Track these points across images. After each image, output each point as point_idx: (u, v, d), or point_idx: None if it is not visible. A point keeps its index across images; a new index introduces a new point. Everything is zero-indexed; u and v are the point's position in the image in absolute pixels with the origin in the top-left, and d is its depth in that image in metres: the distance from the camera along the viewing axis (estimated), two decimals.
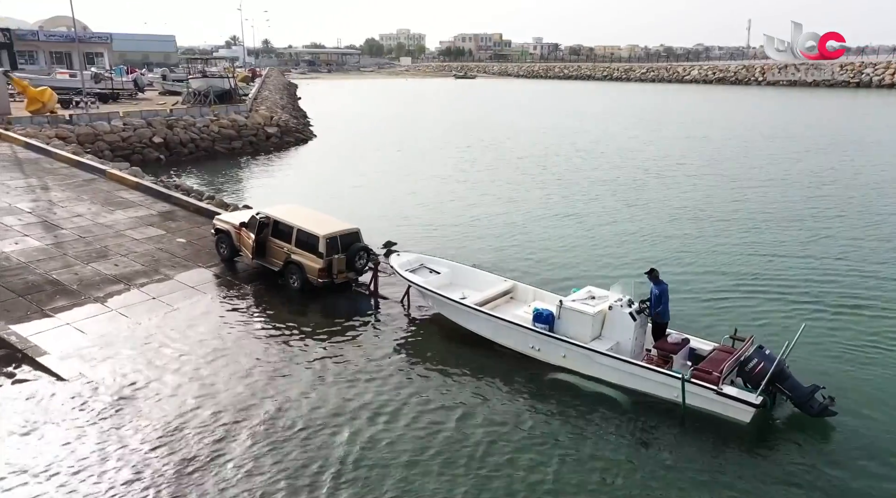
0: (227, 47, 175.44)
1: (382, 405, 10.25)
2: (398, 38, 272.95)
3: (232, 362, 11.41)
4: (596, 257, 18.26)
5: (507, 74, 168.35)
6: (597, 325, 11.43)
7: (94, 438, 9.14)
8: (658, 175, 30.88)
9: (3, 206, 18.52)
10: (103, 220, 18.22)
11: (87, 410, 9.78)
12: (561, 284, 15.06)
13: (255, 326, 12.96)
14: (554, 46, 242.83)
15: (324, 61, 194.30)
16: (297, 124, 45.59)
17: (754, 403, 9.61)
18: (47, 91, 33.41)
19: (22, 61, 77.44)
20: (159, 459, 8.74)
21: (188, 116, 36.24)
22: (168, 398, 10.19)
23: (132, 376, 10.76)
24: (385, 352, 12.13)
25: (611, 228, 21.15)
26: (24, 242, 16.07)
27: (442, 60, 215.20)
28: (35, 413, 9.67)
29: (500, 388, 10.96)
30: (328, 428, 9.56)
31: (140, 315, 13.00)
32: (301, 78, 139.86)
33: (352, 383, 10.86)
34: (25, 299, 13.28)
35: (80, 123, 31.32)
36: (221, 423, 9.58)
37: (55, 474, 8.36)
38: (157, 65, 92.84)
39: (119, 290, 14.09)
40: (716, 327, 12.90)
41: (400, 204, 24.58)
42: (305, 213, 15.63)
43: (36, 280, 14.13)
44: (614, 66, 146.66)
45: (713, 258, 17.98)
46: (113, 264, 15.34)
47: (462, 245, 19.14)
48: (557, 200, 25.26)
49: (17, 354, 11.19)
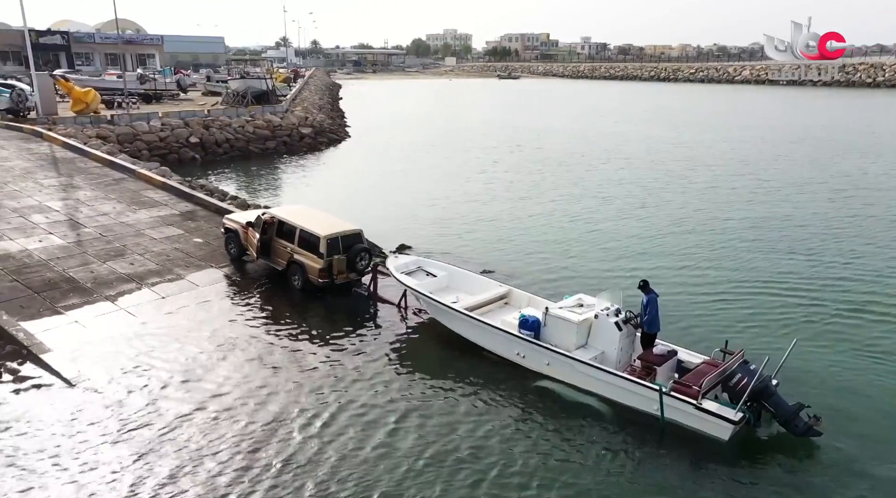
0: (277, 48, 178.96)
1: (363, 407, 10.30)
2: (445, 38, 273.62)
3: (227, 363, 11.49)
4: (605, 262, 18.01)
5: (551, 74, 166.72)
6: (582, 333, 11.23)
7: (85, 435, 9.30)
8: (680, 178, 30.38)
9: (34, 204, 19.18)
10: (126, 219, 18.68)
11: (79, 409, 9.97)
12: (566, 288, 14.75)
13: (256, 328, 13.04)
14: (602, 46, 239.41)
15: (369, 62, 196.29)
16: (332, 125, 46.06)
17: (733, 419, 9.30)
18: (91, 92, 34.58)
19: (79, 62, 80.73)
20: (148, 458, 8.83)
21: (224, 117, 37.00)
22: (161, 398, 10.31)
23: (128, 376, 10.92)
24: (376, 355, 12.20)
25: (623, 233, 20.89)
26: (47, 240, 16.59)
27: (487, 60, 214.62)
28: (27, 410, 9.89)
29: (484, 394, 10.89)
30: (303, 429, 9.66)
31: (146, 314, 13.23)
32: (346, 78, 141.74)
33: (335, 386, 10.90)
34: (41, 296, 13.67)
35: (121, 123, 32.31)
36: (208, 421, 9.65)
37: (31, 472, 8.52)
38: (206, 66, 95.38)
39: (130, 288, 14.38)
40: (713, 338, 12.48)
41: (418, 206, 24.59)
42: (310, 214, 15.82)
43: (53, 277, 14.55)
44: (661, 66, 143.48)
45: (717, 267, 17.62)
46: (129, 263, 15.68)
47: (475, 248, 19.06)
48: (573, 204, 25.07)
49: (23, 350, 11.50)
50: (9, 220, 17.70)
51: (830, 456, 9.29)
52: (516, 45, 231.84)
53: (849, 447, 9.42)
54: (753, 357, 10.31)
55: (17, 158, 23.99)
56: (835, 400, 10.56)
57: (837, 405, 10.37)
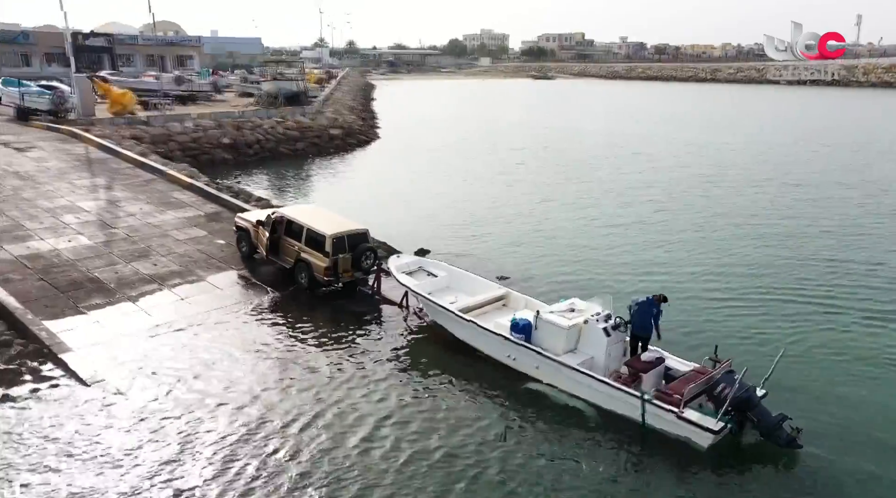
0: (313, 49, 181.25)
1: (354, 406, 10.56)
2: (481, 38, 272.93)
3: (239, 365, 11.68)
4: (618, 268, 18.02)
5: (586, 75, 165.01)
6: (571, 338, 11.33)
7: (98, 436, 9.53)
8: (705, 182, 29.92)
9: (66, 205, 19.76)
10: (153, 220, 19.09)
11: (92, 408, 10.22)
12: (578, 294, 14.52)
13: (268, 329, 13.27)
14: (640, 46, 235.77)
15: (404, 62, 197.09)
16: (362, 126, 46.39)
17: (712, 429, 9.36)
18: (128, 94, 35.52)
19: (121, 64, 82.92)
20: (159, 458, 9.02)
21: (256, 118, 37.58)
22: (171, 399, 10.53)
23: (142, 377, 11.16)
24: (373, 354, 12.43)
25: (638, 238, 20.85)
26: (76, 240, 17.06)
27: (524, 60, 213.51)
28: (42, 409, 10.18)
29: (474, 395, 11.12)
30: (296, 429, 9.93)
31: (164, 315, 13.49)
32: (380, 78, 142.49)
33: (330, 384, 11.21)
34: (66, 296, 14.06)
35: (155, 124, 33.10)
36: (217, 421, 9.82)
37: (44, 470, 8.75)
38: (244, 66, 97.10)
39: (152, 289, 14.69)
40: (710, 346, 12.24)
41: (439, 208, 24.72)
42: (318, 213, 16.21)
43: (78, 277, 14.95)
44: (700, 66, 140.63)
45: (728, 273, 17.57)
46: (152, 264, 16.02)
47: (494, 253, 19.08)
48: (593, 207, 25.05)
49: (44, 349, 11.83)
50: (42, 220, 18.26)
51: (810, 469, 9.27)
52: (553, 45, 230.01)
53: (830, 461, 9.41)
54: (746, 365, 10.26)
55: (54, 159, 24.77)
56: (821, 412, 10.55)
57: (823, 418, 10.37)
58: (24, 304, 13.27)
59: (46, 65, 77.06)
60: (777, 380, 10.45)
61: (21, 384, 10.84)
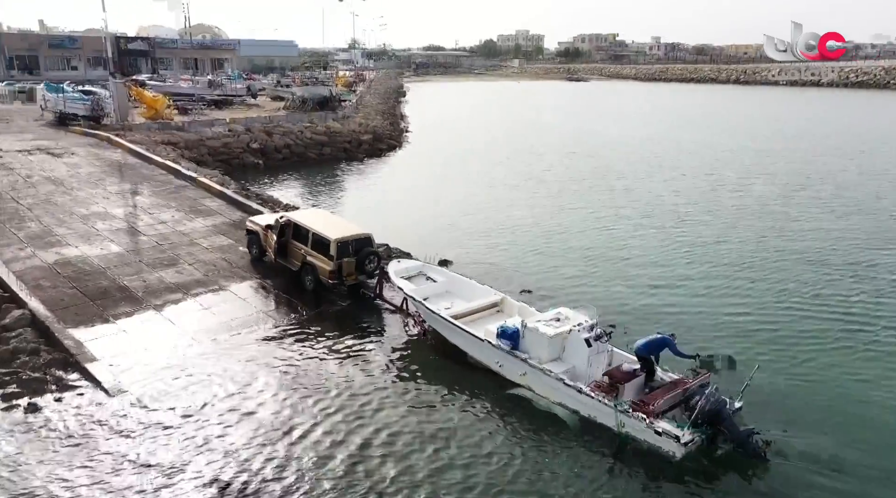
0: (348, 51, 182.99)
1: (350, 413, 10.94)
2: (516, 39, 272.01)
3: (250, 375, 11.89)
4: (631, 279, 18.02)
5: (620, 76, 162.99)
6: (555, 347, 11.60)
7: (116, 445, 9.78)
8: (731, 191, 29.40)
9: (100, 212, 20.31)
10: (182, 227, 19.49)
11: (113, 418, 10.49)
12: None
13: (283, 341, 13.47)
14: (673, 46, 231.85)
15: (437, 63, 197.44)
16: (391, 131, 46.60)
17: (682, 439, 9.67)
18: (161, 99, 36.36)
19: (160, 67, 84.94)
20: (176, 468, 9.21)
21: (287, 123, 38.09)
22: (192, 408, 10.80)
23: (162, 387, 11.42)
24: (371, 357, 12.90)
25: (657, 249, 20.78)
26: (107, 248, 17.51)
27: (558, 62, 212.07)
28: (64, 418, 10.48)
29: (462, 400, 11.51)
30: (287, 433, 10.34)
31: (186, 324, 13.77)
32: (413, 80, 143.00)
33: (329, 394, 11.47)
34: (94, 304, 14.45)
35: (188, 129, 33.82)
36: (225, 431, 10.01)
37: (62, 480, 9.01)
38: (279, 69, 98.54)
39: (176, 298, 15.00)
40: None
41: (462, 216, 24.79)
42: (324, 218, 16.91)
43: (108, 286, 15.34)
44: (740, 67, 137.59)
45: (741, 287, 17.46)
46: (177, 272, 16.35)
47: (515, 263, 19.04)
48: (614, 217, 24.89)
49: (70, 359, 12.18)
50: (75, 228, 18.80)
51: (777, 481, 9.60)
52: (588, 47, 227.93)
53: (797, 474, 9.75)
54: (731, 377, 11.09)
55: (89, 165, 25.48)
56: (794, 426, 10.84)
57: (795, 431, 10.68)
58: (54, 312, 13.68)
59: (91, 68, 79.40)
60: (759, 393, 11.22)
61: (46, 393, 11.18)
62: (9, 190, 21.51)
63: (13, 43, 78.38)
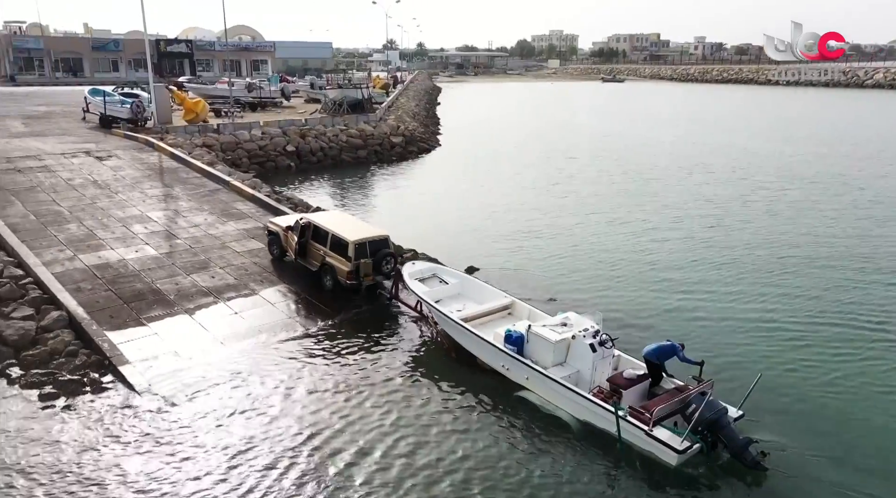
0: (383, 51, 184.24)
1: (359, 417, 11.20)
2: (550, 39, 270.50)
3: (276, 380, 12.05)
4: (655, 284, 17.99)
5: (658, 77, 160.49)
6: (560, 352, 11.75)
7: (145, 447, 10.05)
8: (765, 197, 28.60)
9: (137, 214, 20.84)
10: (214, 231, 19.87)
11: (144, 420, 10.77)
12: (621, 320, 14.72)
13: (309, 346, 13.65)
14: (717, 46, 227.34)
15: (472, 64, 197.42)
16: (424, 133, 46.75)
17: (677, 448, 9.74)
18: (201, 102, 37.11)
19: (200, 69, 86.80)
20: (207, 472, 9.42)
21: (320, 126, 38.52)
22: (220, 412, 11.00)
23: (191, 391, 11.67)
24: (391, 361, 13.18)
25: (686, 257, 20.53)
26: (143, 251, 17.96)
27: (593, 62, 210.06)
28: (99, 420, 10.79)
29: (469, 402, 11.77)
30: (311, 437, 10.53)
31: (218, 329, 14.04)
32: (447, 81, 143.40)
33: (341, 391, 11.32)
34: (129, 307, 14.84)
35: (225, 132, 34.46)
36: (252, 437, 10.17)
37: (94, 484, 9.27)
38: (315, 70, 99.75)
39: (208, 302, 15.30)
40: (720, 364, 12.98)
41: (489, 221, 24.79)
42: (342, 220, 17.44)
43: (142, 289, 15.73)
44: (781, 68, 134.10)
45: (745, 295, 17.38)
46: (210, 276, 16.68)
47: (541, 271, 18.90)
48: (643, 223, 24.60)
49: (105, 361, 12.54)
50: (114, 230, 19.32)
51: (775, 490, 9.66)
52: (624, 46, 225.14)
53: (795, 484, 9.80)
54: (739, 385, 11.10)
55: (130, 168, 26.16)
56: (794, 435, 10.90)
57: (795, 441, 10.74)
58: (91, 314, 14.09)
59: (133, 70, 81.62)
60: (763, 401, 11.44)
61: (82, 394, 11.54)
62: (50, 192, 22.22)
63: (59, 46, 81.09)
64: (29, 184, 22.97)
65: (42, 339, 13.11)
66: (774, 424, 11.17)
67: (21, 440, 10.20)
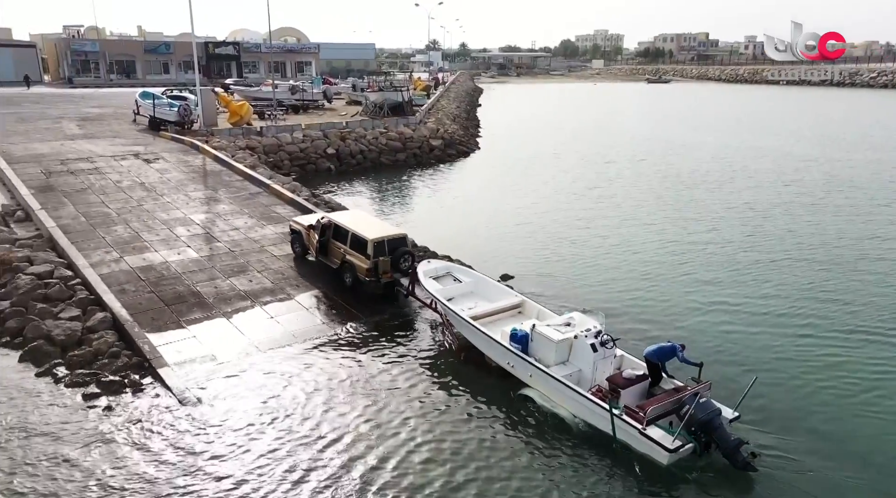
0: (426, 52, 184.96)
1: (397, 419, 11.58)
2: (595, 38, 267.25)
3: (306, 385, 12.31)
4: (684, 295, 17.83)
5: (706, 78, 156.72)
6: (562, 351, 12.07)
7: (179, 449, 10.36)
8: (809, 204, 27.59)
9: (180, 217, 21.45)
10: (254, 234, 20.30)
11: (180, 423, 11.10)
12: None
13: (343, 351, 13.88)
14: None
15: (514, 64, 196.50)
16: (463, 136, 46.80)
17: (668, 447, 10.00)
18: (245, 105, 37.97)
19: (246, 71, 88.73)
20: (241, 477, 9.67)
21: (360, 129, 38.94)
22: (254, 415, 11.25)
23: (226, 394, 11.99)
24: (413, 363, 13.61)
25: (720, 266, 20.23)
26: (184, 253, 18.48)
27: (638, 62, 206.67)
28: (137, 420, 11.16)
29: (475, 396, 12.34)
30: (347, 445, 10.37)
31: (254, 334, 14.36)
32: (489, 82, 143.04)
33: (374, 397, 11.36)
34: (170, 309, 15.30)
35: (267, 135, 35.17)
36: (284, 440, 10.39)
37: (130, 481, 9.61)
38: (358, 71, 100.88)
39: (245, 306, 15.66)
40: None
41: (524, 226, 24.81)
42: (361, 219, 17.99)
43: (183, 291, 16.20)
44: (836, 68, 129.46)
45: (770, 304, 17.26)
46: (248, 280, 17.06)
47: (576, 280, 18.84)
48: (679, 231, 24.24)
49: (145, 363, 12.96)
50: (158, 232, 19.94)
51: (766, 491, 9.88)
52: (671, 46, 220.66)
53: (784, 487, 9.99)
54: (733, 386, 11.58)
55: (175, 170, 26.95)
56: (788, 437, 11.16)
57: (789, 442, 11.02)
58: (134, 315, 14.58)
59: (182, 72, 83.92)
60: (760, 404, 11.93)
61: (122, 394, 11.96)
62: (100, 194, 23.07)
63: (113, 49, 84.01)
64: (80, 186, 23.89)
65: (87, 339, 13.63)
66: (769, 425, 11.43)
67: (62, 437, 10.63)
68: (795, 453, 10.75)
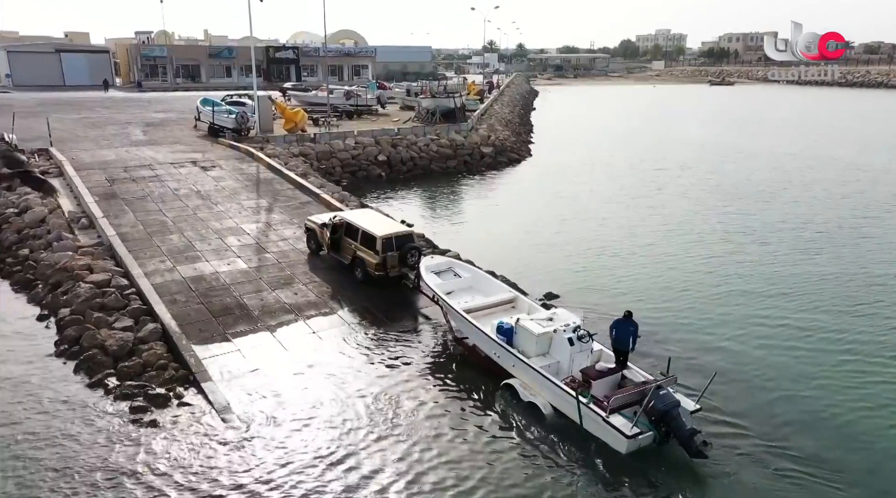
0: (482, 53, 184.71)
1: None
2: (656, 39, 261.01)
3: (343, 403, 12.31)
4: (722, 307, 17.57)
5: (771, 80, 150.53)
6: (542, 343, 13.02)
7: (218, 463, 10.60)
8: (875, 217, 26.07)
9: (232, 227, 22.00)
10: (302, 245, 20.60)
11: (220, 438, 11.35)
12: None
13: (383, 370, 13.91)
14: (846, 45, 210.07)
15: (571, 66, 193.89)
16: (515, 142, 46.38)
17: (626, 434, 10.88)
18: (300, 112, 38.70)
19: (305, 74, 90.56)
20: None
21: (411, 136, 39.12)
22: (292, 431, 11.44)
23: (267, 410, 12.18)
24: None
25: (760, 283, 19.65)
26: (234, 264, 18.93)
27: (701, 63, 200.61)
28: (179, 435, 11.46)
29: (461, 385, 13.43)
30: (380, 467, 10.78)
31: (297, 350, 14.53)
32: (545, 84, 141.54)
33: (411, 415, 11.50)
34: (217, 321, 15.68)
35: (321, 141, 35.76)
36: (323, 459, 10.49)
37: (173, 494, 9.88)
38: (414, 74, 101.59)
39: (289, 320, 15.89)
40: None
41: (568, 235, 24.86)
42: (372, 217, 19.14)
43: (230, 303, 16.58)
44: None
45: None
46: (293, 293, 17.32)
47: (612, 287, 18.62)
48: (725, 245, 23.62)
49: (190, 376, 13.30)
50: (210, 242, 20.51)
51: (718, 478, 10.73)
52: (737, 46, 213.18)
53: (730, 472, 10.87)
54: None
55: (230, 179, 27.70)
56: (747, 428, 12.07)
57: (747, 433, 11.92)
58: (182, 327, 14.99)
59: (244, 76, 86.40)
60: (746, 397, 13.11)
61: (167, 407, 12.30)
62: (158, 202, 23.91)
63: (180, 54, 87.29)
64: (141, 193, 24.84)
65: (138, 350, 14.08)
66: (727, 417, 12.39)
67: (108, 449, 11.01)
68: (747, 443, 11.63)
